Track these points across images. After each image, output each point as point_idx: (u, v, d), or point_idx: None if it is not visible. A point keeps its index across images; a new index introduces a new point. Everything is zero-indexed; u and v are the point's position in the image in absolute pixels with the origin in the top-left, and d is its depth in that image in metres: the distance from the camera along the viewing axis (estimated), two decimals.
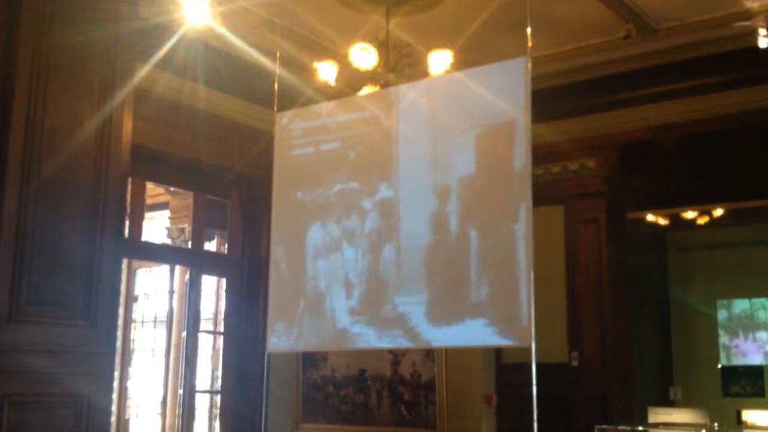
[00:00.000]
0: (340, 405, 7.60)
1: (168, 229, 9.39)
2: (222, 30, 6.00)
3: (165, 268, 9.41)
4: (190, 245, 8.18)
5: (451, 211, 4.76)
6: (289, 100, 6.09)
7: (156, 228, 9.88)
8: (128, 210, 6.58)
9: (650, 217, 10.04)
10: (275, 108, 5.67)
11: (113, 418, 7.77)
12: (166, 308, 9.42)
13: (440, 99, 5.03)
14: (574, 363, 7.70)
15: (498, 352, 7.46)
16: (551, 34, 6.56)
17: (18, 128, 4.06)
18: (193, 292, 7.74)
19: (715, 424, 6.84)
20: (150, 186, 8.07)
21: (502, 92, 4.66)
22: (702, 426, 6.81)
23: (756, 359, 11.73)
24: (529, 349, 4.31)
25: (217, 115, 7.16)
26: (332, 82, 5.93)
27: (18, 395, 3.96)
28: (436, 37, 6.04)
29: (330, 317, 5.16)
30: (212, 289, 9.51)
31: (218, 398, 8.52)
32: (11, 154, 4.02)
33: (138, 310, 10.32)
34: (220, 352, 8.32)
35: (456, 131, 4.85)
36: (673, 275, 11.87)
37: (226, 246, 8.40)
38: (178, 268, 8.91)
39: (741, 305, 12.01)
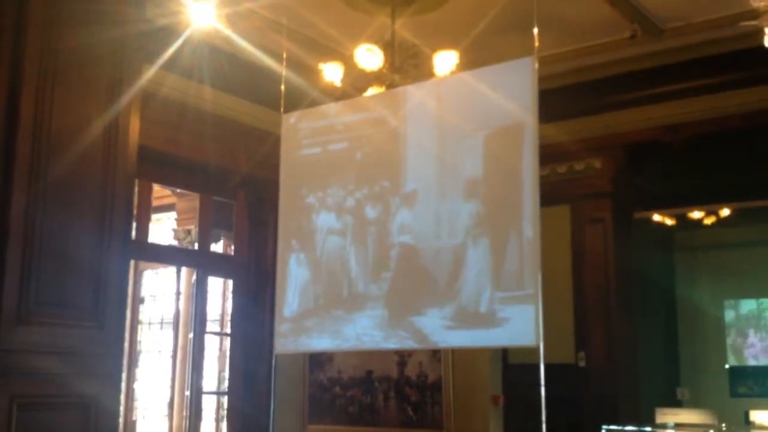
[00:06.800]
0: (346, 406, 7.59)
1: (174, 230, 9.40)
2: (228, 32, 6.01)
3: (171, 270, 9.39)
4: (196, 247, 8.19)
5: (459, 212, 4.76)
6: (295, 101, 6.09)
7: (162, 230, 9.89)
8: (135, 212, 6.59)
9: (657, 217, 10.02)
10: (282, 109, 5.68)
11: (120, 420, 7.77)
12: (173, 310, 9.40)
13: (447, 99, 5.03)
14: (581, 363, 7.68)
15: (504, 352, 7.45)
16: (557, 34, 6.56)
17: (25, 130, 4.08)
18: (199, 293, 7.75)
19: (723, 425, 6.81)
20: (156, 188, 8.08)
21: (509, 92, 4.66)
22: (710, 426, 6.78)
23: (764, 360, 11.69)
24: (536, 350, 4.30)
25: (223, 116, 7.17)
26: (338, 83, 5.93)
27: (26, 396, 3.96)
28: (442, 37, 6.04)
29: (336, 318, 5.16)
30: (219, 291, 9.51)
31: (225, 399, 8.52)
32: (19, 156, 4.04)
33: (145, 312, 10.33)
34: (227, 354, 8.32)
35: (463, 132, 4.86)
36: (680, 275, 11.83)
37: (233, 247, 8.40)
38: (184, 270, 8.90)
39: (748, 305, 11.98)
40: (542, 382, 4.22)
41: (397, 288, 4.93)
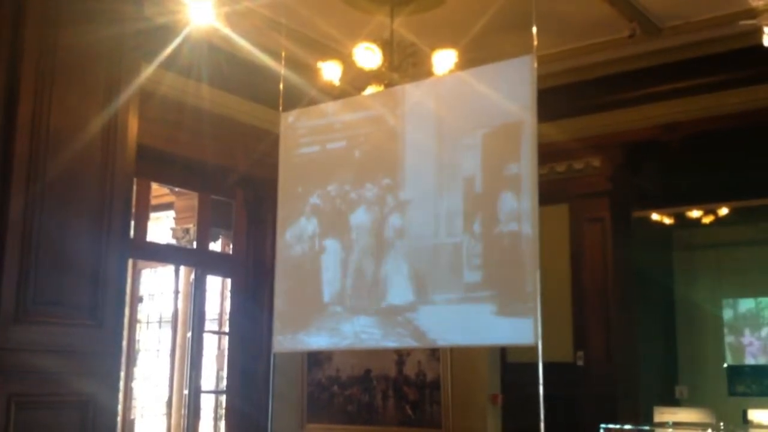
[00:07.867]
0: (345, 405, 7.59)
1: (173, 229, 9.40)
2: (226, 30, 6.00)
3: (170, 269, 9.41)
4: (194, 245, 8.19)
5: (457, 211, 4.75)
6: (293, 100, 6.09)
7: (161, 228, 9.89)
8: (133, 210, 6.59)
9: (655, 216, 10.02)
10: (280, 108, 5.68)
11: (118, 419, 7.77)
12: (171, 308, 9.43)
13: (445, 98, 5.03)
14: (580, 362, 7.69)
15: (503, 351, 7.45)
16: (556, 32, 6.55)
17: (24, 128, 4.08)
18: (198, 292, 7.75)
19: (721, 424, 6.82)
20: (155, 186, 8.08)
21: (508, 91, 4.66)
22: (708, 425, 6.79)
23: (762, 358, 11.70)
24: (534, 349, 4.30)
25: (222, 115, 7.17)
26: (336, 82, 5.93)
27: (24, 395, 3.97)
28: (440, 36, 6.04)
29: (335, 317, 5.16)
30: (217, 290, 9.52)
31: (223, 398, 8.53)
32: (17, 155, 4.04)
33: (143, 311, 10.34)
34: (225, 352, 8.32)
35: (461, 130, 4.85)
36: (679, 274, 11.84)
37: (231, 246, 8.40)
38: (183, 269, 8.91)
39: (746, 304, 11.98)
40: (541, 381, 4.22)
41: (396, 286, 4.93)
